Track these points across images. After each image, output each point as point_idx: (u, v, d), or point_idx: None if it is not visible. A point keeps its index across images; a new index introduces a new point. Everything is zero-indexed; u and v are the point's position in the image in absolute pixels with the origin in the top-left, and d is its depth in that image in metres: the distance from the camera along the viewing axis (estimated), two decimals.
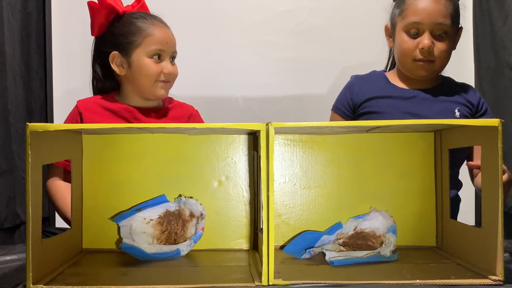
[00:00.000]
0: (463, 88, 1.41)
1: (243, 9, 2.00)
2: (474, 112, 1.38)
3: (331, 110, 1.47)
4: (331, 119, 1.47)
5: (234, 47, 2.00)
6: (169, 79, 1.33)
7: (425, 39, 1.28)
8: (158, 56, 1.30)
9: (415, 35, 1.30)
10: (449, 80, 1.43)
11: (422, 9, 1.28)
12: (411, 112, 1.34)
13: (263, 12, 2.00)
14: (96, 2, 1.30)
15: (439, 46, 1.29)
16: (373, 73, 1.47)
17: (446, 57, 1.32)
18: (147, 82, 1.30)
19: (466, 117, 1.35)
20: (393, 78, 1.42)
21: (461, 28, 1.37)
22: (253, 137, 1.06)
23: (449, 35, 1.30)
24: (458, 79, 1.46)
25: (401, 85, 1.39)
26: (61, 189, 1.31)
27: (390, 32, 1.39)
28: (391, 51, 1.47)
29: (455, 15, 1.31)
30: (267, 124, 0.81)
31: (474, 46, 1.96)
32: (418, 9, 1.28)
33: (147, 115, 1.34)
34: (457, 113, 1.35)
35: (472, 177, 1.40)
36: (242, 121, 0.83)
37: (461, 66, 1.94)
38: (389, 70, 1.49)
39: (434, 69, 1.33)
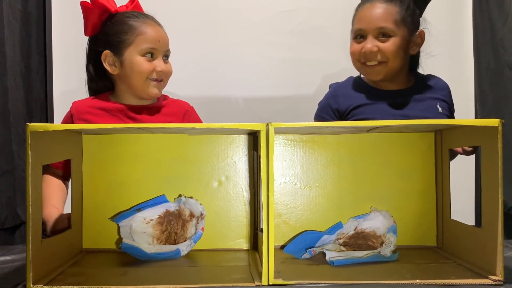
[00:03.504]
0: (435, 82, 1.43)
1: (243, 9, 2.00)
2: (450, 104, 1.42)
3: (314, 119, 1.48)
4: None
5: (234, 47, 2.00)
6: (161, 78, 1.32)
7: (367, 43, 1.33)
8: (151, 55, 1.30)
9: (361, 41, 1.35)
10: (421, 76, 1.45)
11: (364, 15, 1.35)
12: (401, 114, 1.36)
13: (263, 12, 2.00)
14: (89, 2, 1.30)
15: (384, 46, 1.32)
16: (351, 79, 1.48)
17: (396, 57, 1.34)
18: (139, 80, 1.29)
19: (446, 111, 1.39)
20: (371, 82, 1.43)
21: (422, 31, 1.38)
22: (253, 137, 1.06)
23: (395, 37, 1.33)
24: (458, 79, 1.46)
25: (382, 87, 1.41)
26: (46, 182, 1.26)
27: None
28: None
29: (402, 19, 1.33)
30: (267, 124, 0.81)
31: (474, 46, 1.96)
32: (361, 17, 1.36)
33: (140, 113, 1.33)
34: (440, 109, 1.38)
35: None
36: (242, 121, 0.83)
37: (461, 66, 1.94)
38: None
39: (387, 70, 1.35)
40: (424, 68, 1.45)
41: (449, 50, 1.92)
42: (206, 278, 0.84)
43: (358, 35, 1.37)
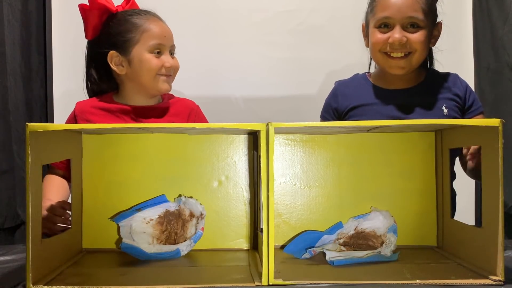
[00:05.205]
0: (448, 80, 1.37)
1: (243, 9, 2.00)
2: (463, 104, 1.35)
3: (320, 117, 1.46)
4: None
5: (234, 47, 2.00)
6: (170, 73, 1.32)
7: (396, 33, 1.26)
8: (158, 51, 1.30)
9: (386, 30, 1.28)
10: (433, 73, 1.39)
11: (392, 3, 1.27)
12: (399, 117, 1.31)
13: (263, 12, 2.00)
14: (87, 4, 1.29)
15: (414, 37, 1.27)
16: (356, 77, 1.44)
17: (423, 49, 1.29)
18: (149, 78, 1.29)
19: (454, 111, 1.34)
20: (376, 79, 1.39)
21: (440, 23, 1.34)
22: (253, 137, 1.06)
23: (423, 28, 1.28)
24: None
25: (385, 85, 1.37)
26: (47, 180, 1.29)
27: (366, 31, 1.38)
28: None
29: (428, 9, 1.28)
30: (267, 124, 0.81)
31: (474, 46, 1.96)
32: (387, 4, 1.28)
33: (145, 115, 1.32)
34: (445, 110, 1.32)
35: (464, 165, 1.35)
36: (242, 121, 0.83)
37: (461, 66, 1.94)
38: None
39: (411, 64, 1.29)
40: None
41: (449, 50, 1.92)
42: (206, 278, 0.84)
43: (383, 24, 1.29)
